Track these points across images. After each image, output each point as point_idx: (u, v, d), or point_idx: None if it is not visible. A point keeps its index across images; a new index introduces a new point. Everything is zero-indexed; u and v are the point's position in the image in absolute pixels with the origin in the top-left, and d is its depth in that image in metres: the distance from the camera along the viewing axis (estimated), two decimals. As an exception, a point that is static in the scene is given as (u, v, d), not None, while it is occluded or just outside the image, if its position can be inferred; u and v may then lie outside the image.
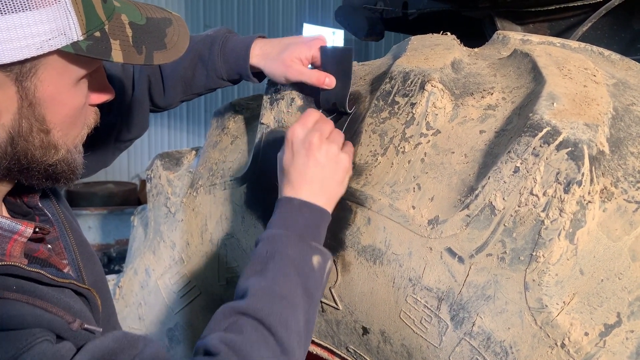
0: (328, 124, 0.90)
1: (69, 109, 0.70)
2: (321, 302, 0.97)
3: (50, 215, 0.83)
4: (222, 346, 0.70)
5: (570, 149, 0.73)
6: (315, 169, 0.84)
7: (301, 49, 0.99)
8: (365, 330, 0.94)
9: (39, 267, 0.69)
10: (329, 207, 0.86)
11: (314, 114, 0.89)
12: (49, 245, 0.80)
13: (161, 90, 1.08)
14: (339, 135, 0.90)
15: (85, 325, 0.70)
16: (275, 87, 1.08)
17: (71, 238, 0.84)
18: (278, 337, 0.72)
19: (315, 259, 0.80)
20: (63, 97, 0.68)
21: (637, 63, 1.02)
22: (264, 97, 1.10)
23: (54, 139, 0.69)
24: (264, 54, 1.01)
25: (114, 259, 3.84)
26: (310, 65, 1.02)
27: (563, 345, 0.72)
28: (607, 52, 1.03)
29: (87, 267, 0.85)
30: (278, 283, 0.76)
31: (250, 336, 0.72)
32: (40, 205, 0.82)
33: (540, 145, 0.75)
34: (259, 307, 0.74)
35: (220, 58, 1.03)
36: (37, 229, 0.73)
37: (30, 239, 0.72)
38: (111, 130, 1.07)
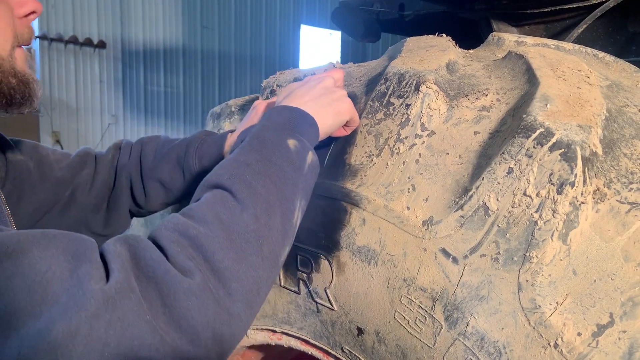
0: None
1: None
2: (316, 302, 0.98)
3: None
4: (174, 216, 0.64)
5: (563, 150, 0.73)
6: (318, 92, 0.88)
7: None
8: (360, 331, 0.94)
9: None
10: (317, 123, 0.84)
11: (340, 73, 0.98)
12: None
13: (142, 190, 1.06)
14: None
15: None
16: (270, 88, 1.08)
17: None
18: (238, 196, 0.66)
19: (291, 142, 0.75)
20: None
21: (631, 65, 1.03)
22: (260, 98, 1.10)
23: None
24: None
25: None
26: None
27: (556, 346, 0.73)
28: (601, 54, 1.04)
29: None
30: (243, 153, 0.72)
31: (206, 199, 0.66)
32: None
33: (534, 147, 0.75)
34: (219, 174, 0.69)
35: (195, 160, 1.02)
36: None
37: None
38: (82, 210, 1.04)
